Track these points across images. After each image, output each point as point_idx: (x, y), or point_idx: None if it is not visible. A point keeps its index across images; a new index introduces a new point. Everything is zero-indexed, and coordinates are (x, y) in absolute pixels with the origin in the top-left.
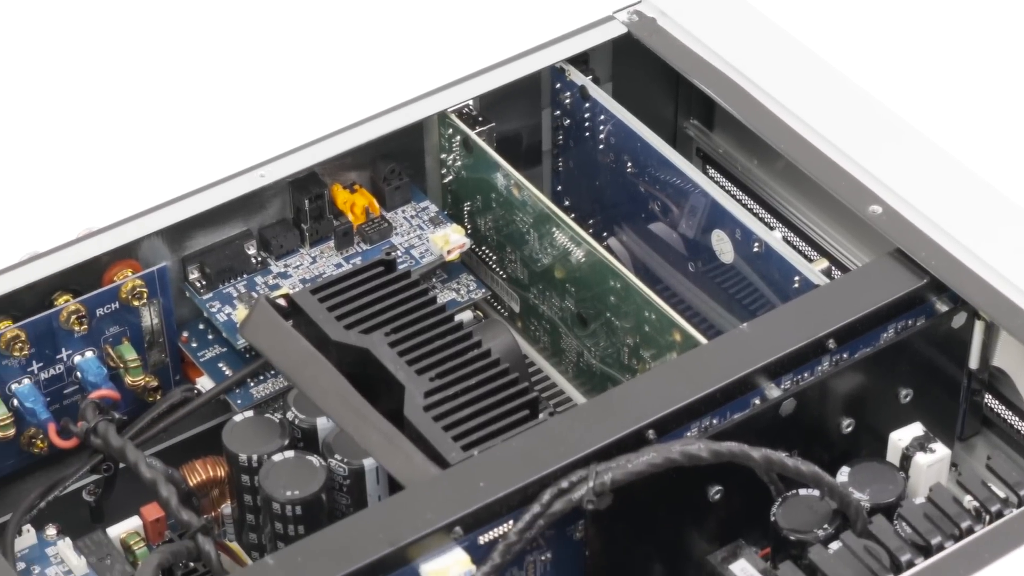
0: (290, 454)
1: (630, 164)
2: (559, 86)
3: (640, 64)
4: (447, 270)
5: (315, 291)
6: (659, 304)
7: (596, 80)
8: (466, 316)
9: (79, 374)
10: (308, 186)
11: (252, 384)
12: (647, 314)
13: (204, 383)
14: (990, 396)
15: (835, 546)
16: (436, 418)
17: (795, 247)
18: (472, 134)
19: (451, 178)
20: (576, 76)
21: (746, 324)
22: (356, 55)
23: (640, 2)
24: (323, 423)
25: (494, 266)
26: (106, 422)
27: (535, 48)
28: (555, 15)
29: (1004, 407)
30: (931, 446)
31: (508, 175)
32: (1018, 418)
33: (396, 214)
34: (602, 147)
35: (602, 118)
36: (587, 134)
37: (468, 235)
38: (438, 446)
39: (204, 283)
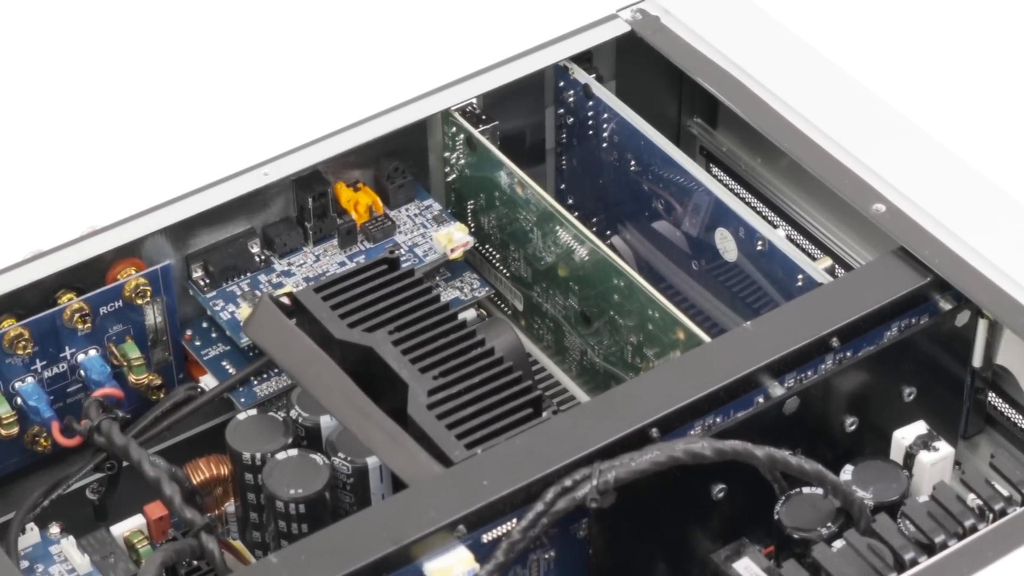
0: (294, 452)
1: (633, 162)
2: (563, 84)
3: (644, 62)
4: (451, 268)
5: (319, 289)
6: (662, 302)
7: (600, 78)
8: (469, 314)
9: (83, 372)
10: (312, 184)
11: (256, 382)
12: (650, 312)
13: (208, 381)
14: (994, 394)
15: (839, 544)
16: (440, 416)
17: (799, 245)
18: (476, 132)
19: (455, 176)
20: (580, 74)
21: (750, 322)
22: (360, 53)
23: (643, 0)
24: (327, 421)
25: (497, 264)
26: (109, 420)
27: (539, 46)
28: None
29: (1008, 405)
30: (935, 444)
31: (512, 173)
32: (1022, 416)
33: (400, 212)
34: (605, 145)
35: (605, 116)
36: (591, 132)
37: (471, 233)
38: (442, 444)
39: (208, 281)
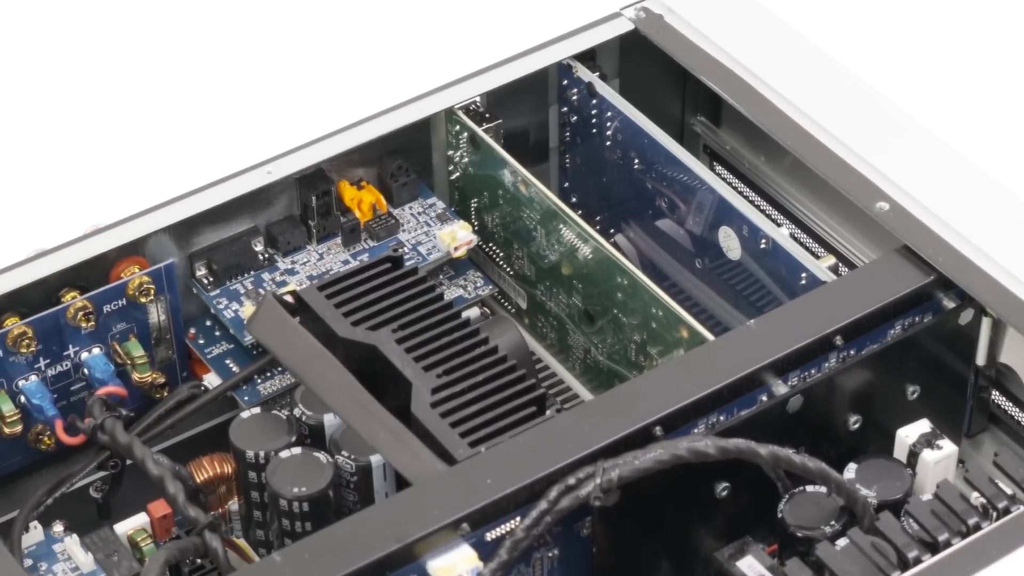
0: (297, 451)
1: (637, 161)
2: (566, 83)
3: (647, 61)
4: (454, 267)
5: (322, 288)
6: (666, 301)
7: (603, 77)
8: (473, 313)
9: (86, 371)
10: (315, 183)
11: (259, 381)
12: (654, 311)
13: (211, 380)
14: (997, 393)
15: (842, 543)
16: (443, 415)
17: (802, 244)
18: (479, 131)
19: (458, 175)
20: (583, 73)
21: (753, 321)
22: (363, 51)
23: None
24: (330, 420)
25: (501, 263)
26: (113, 419)
27: (542, 45)
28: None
29: (1011, 404)
30: (938, 443)
31: (515, 172)
32: None
33: (403, 211)
34: (609, 144)
35: (609, 115)
36: (594, 131)
37: (475, 232)
38: (445, 443)
39: (211, 280)
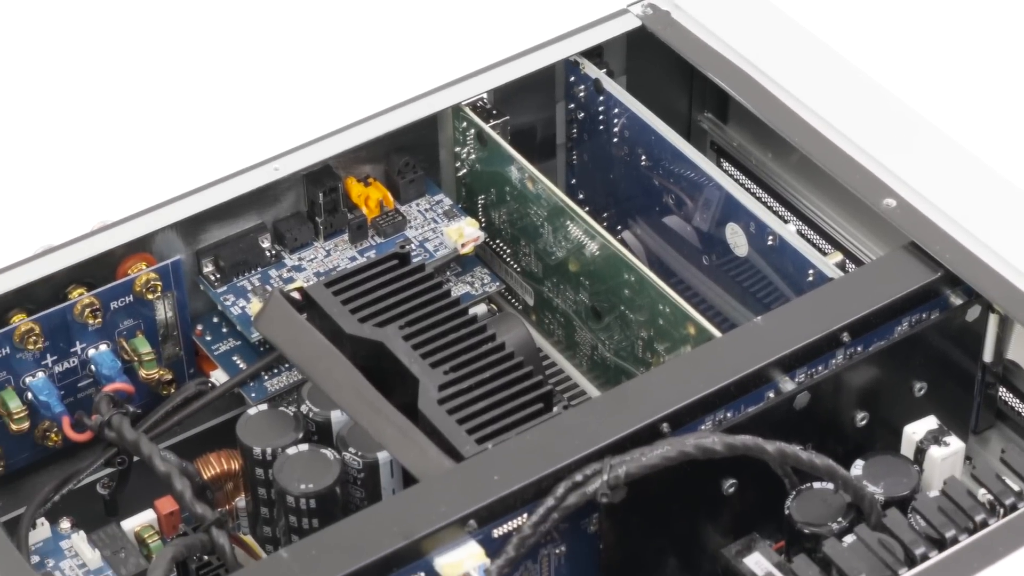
0: (304, 447)
1: (644, 157)
2: (573, 79)
3: (654, 57)
4: (461, 263)
5: (329, 284)
6: (673, 297)
7: (610, 73)
8: (480, 309)
9: (93, 367)
10: (322, 179)
11: (266, 377)
12: (661, 307)
13: (218, 376)
14: (1004, 389)
15: (849, 539)
16: (450, 411)
17: (809, 240)
18: (486, 127)
19: (465, 171)
20: (590, 69)
21: (760, 317)
22: (371, 48)
23: None
24: (337, 416)
25: (508, 259)
26: (120, 415)
27: (549, 41)
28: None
29: (1018, 400)
30: (945, 439)
31: (522, 168)
32: None
33: (410, 207)
34: (616, 140)
35: (616, 111)
36: (601, 127)
37: (482, 228)
38: (452, 439)
39: (218, 276)
